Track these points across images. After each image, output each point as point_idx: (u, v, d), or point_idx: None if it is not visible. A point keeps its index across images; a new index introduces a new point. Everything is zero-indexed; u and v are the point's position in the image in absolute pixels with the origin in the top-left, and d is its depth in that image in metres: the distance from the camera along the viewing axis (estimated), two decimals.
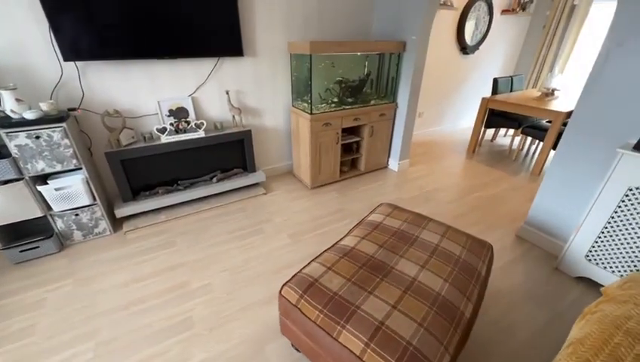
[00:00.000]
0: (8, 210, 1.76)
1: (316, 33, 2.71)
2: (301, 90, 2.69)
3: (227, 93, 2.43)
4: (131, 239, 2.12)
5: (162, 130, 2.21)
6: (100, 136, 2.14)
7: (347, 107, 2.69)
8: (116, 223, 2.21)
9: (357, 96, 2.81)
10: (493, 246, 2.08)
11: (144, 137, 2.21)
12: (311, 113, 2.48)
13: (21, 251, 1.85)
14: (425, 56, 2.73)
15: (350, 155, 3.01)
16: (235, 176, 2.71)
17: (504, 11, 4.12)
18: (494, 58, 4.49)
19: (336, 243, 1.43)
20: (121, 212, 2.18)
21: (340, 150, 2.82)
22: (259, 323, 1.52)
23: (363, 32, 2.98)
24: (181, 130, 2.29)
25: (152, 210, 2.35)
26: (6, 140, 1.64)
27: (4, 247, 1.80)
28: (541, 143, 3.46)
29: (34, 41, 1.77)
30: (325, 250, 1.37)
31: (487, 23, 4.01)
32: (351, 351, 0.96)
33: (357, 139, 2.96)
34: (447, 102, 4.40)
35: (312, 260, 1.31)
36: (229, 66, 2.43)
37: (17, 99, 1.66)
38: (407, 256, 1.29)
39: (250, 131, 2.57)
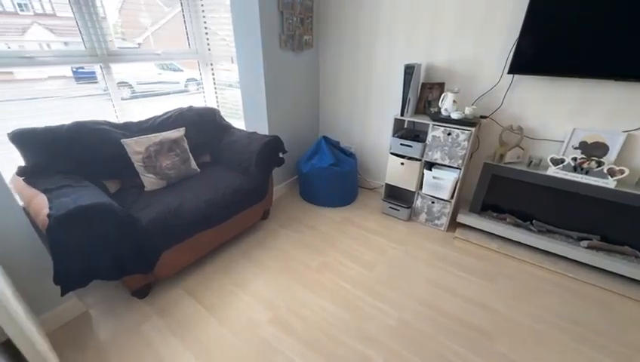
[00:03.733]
0: (402, 177, 2.34)
1: None
2: None
3: None
4: (457, 246, 2.15)
5: (558, 162, 1.84)
6: (489, 145, 2.18)
7: None
8: (452, 225, 2.33)
9: None
10: None
11: (530, 161, 1.97)
12: None
13: (389, 207, 2.47)
14: None
15: None
16: (620, 255, 1.83)
17: None
18: None
19: None
20: (462, 218, 2.23)
21: None
22: None
23: None
24: (583, 169, 1.79)
25: (489, 233, 2.20)
26: (430, 130, 2.08)
27: (384, 199, 2.49)
28: None
29: (490, 54, 1.97)
30: None
31: None
32: None
33: None
34: None
35: None
36: None
37: (454, 101, 1.99)
38: None
39: None
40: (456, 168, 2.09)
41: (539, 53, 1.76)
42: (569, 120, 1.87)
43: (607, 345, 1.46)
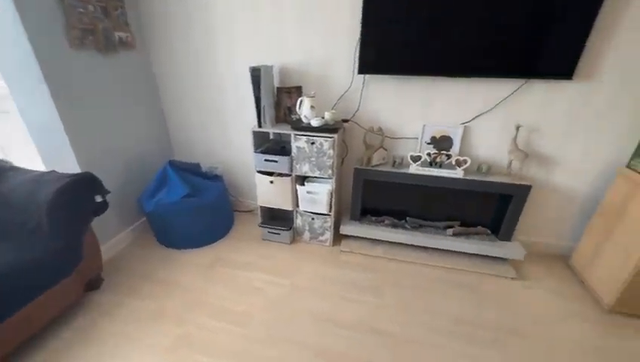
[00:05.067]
0: (275, 197, 2.02)
1: None
2: None
3: (517, 129, 1.71)
4: (344, 262, 1.97)
5: (416, 158, 1.85)
6: (357, 148, 2.08)
7: None
8: (337, 237, 2.15)
9: None
10: None
11: (394, 161, 1.94)
12: None
13: (269, 232, 2.12)
14: None
15: None
16: (477, 236, 1.99)
17: None
18: None
19: None
20: (345, 229, 2.08)
21: None
22: None
23: None
24: (437, 163, 1.84)
25: (373, 239, 2.11)
26: (292, 140, 1.81)
27: (261, 225, 2.12)
28: None
29: (339, 54, 1.84)
30: None
31: None
32: None
33: None
34: None
35: None
36: (535, 92, 1.68)
37: (312, 106, 1.78)
38: None
39: (529, 188, 1.74)
40: (328, 179, 1.90)
41: (381, 52, 1.71)
42: (420, 117, 1.91)
43: (490, 338, 1.48)
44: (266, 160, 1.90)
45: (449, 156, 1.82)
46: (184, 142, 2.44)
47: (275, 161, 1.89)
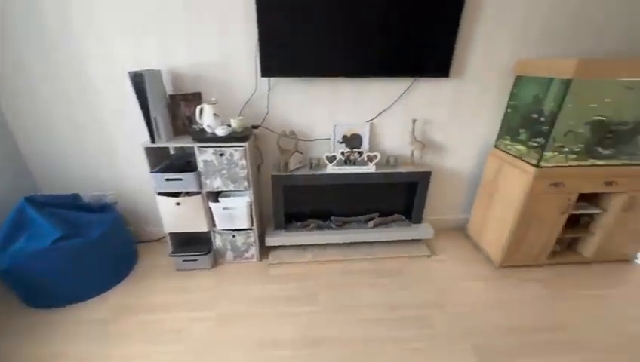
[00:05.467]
0: (185, 220, 1.75)
1: (558, 49, 1.82)
2: (518, 127, 1.86)
3: (414, 122, 1.89)
4: (274, 275, 1.86)
5: (331, 159, 1.87)
6: (272, 155, 1.99)
7: (599, 162, 1.68)
8: (264, 250, 2.02)
9: (620, 147, 1.73)
10: None
11: (311, 163, 1.93)
12: (537, 165, 1.63)
13: (184, 261, 1.84)
14: None
15: (573, 232, 1.93)
16: (394, 223, 2.15)
17: None
18: None
19: None
20: (271, 240, 1.96)
21: (563, 223, 1.82)
22: None
23: (636, 47, 1.87)
24: (351, 161, 1.90)
25: (301, 246, 2.05)
26: (197, 154, 1.60)
27: (172, 254, 1.83)
28: None
29: (239, 56, 1.71)
30: None
31: None
32: None
33: (596, 210, 1.86)
34: None
35: None
36: (423, 89, 1.89)
37: (215, 114, 1.60)
38: None
39: (429, 173, 1.95)
40: (245, 191, 1.75)
41: (283, 55, 1.65)
42: (330, 117, 1.93)
43: (416, 317, 1.59)
44: (167, 179, 1.63)
45: (361, 153, 1.90)
46: (52, 169, 1.91)
47: (180, 180, 1.64)
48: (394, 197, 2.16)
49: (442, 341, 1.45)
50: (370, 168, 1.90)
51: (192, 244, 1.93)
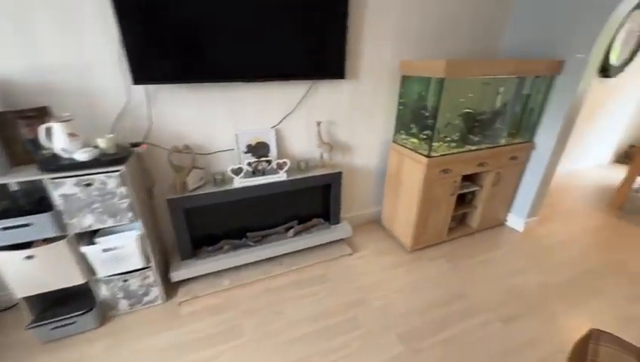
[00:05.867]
0: (44, 276, 1.32)
1: (431, 51, 2.07)
2: (409, 122, 2.04)
3: (318, 124, 1.88)
4: (186, 315, 1.59)
5: (237, 171, 1.70)
6: (166, 175, 1.69)
7: (472, 148, 1.98)
8: (170, 288, 1.72)
9: (485, 133, 2.07)
10: None
11: (215, 179, 1.71)
12: (429, 156, 1.80)
13: (54, 328, 1.40)
14: (589, 81, 1.93)
15: (462, 209, 2.25)
16: (314, 228, 2.11)
17: None
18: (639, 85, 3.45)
19: None
20: (177, 275, 1.68)
21: (454, 202, 2.08)
22: None
23: (491, 51, 2.28)
24: (260, 171, 1.77)
25: (215, 272, 1.82)
26: (50, 188, 1.22)
27: (32, 325, 1.36)
28: None
29: (100, 58, 1.38)
30: None
31: (639, 39, 3.04)
32: None
33: (475, 188, 2.20)
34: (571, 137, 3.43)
35: None
36: (323, 91, 1.89)
37: (71, 134, 1.24)
38: None
39: (340, 174, 1.97)
40: (132, 223, 1.43)
41: (155, 56, 1.39)
42: (230, 126, 1.75)
43: (344, 321, 1.57)
44: (5, 228, 1.19)
45: (269, 161, 1.78)
46: None
47: (27, 225, 1.22)
48: (311, 201, 2.12)
49: (370, 339, 1.47)
50: (282, 176, 1.80)
51: (66, 303, 1.49)
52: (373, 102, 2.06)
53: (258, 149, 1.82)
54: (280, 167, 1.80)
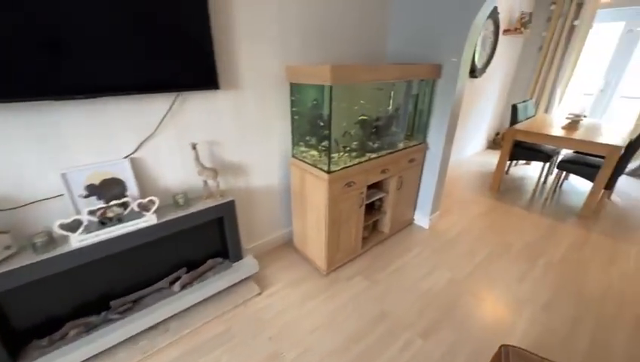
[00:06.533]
0: None
1: (319, 56, 1.91)
2: (306, 133, 1.83)
3: (194, 147, 1.49)
4: None
5: (73, 226, 1.19)
6: None
7: (373, 155, 1.89)
8: None
9: (384, 138, 2.02)
10: None
11: (33, 244, 1.16)
12: (329, 171, 1.62)
13: None
14: (465, 82, 2.07)
15: (372, 217, 2.18)
16: (210, 271, 1.71)
17: (505, 31, 3.74)
18: (496, 82, 4.10)
19: None
20: None
21: (363, 213, 1.98)
22: None
23: (377, 55, 2.26)
24: (112, 219, 1.29)
25: None
26: None
27: None
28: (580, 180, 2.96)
29: None
30: None
31: (493, 44, 3.58)
32: None
33: (382, 195, 2.15)
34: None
35: None
36: (194, 106, 1.51)
37: None
38: None
39: (232, 202, 1.63)
40: None
41: None
42: (51, 162, 1.21)
43: None
44: None
45: (126, 205, 1.32)
46: None
47: None
48: (201, 239, 1.71)
49: None
50: (149, 220, 1.36)
51: None
52: (264, 114, 1.78)
53: (107, 189, 1.33)
54: (145, 208, 1.35)
